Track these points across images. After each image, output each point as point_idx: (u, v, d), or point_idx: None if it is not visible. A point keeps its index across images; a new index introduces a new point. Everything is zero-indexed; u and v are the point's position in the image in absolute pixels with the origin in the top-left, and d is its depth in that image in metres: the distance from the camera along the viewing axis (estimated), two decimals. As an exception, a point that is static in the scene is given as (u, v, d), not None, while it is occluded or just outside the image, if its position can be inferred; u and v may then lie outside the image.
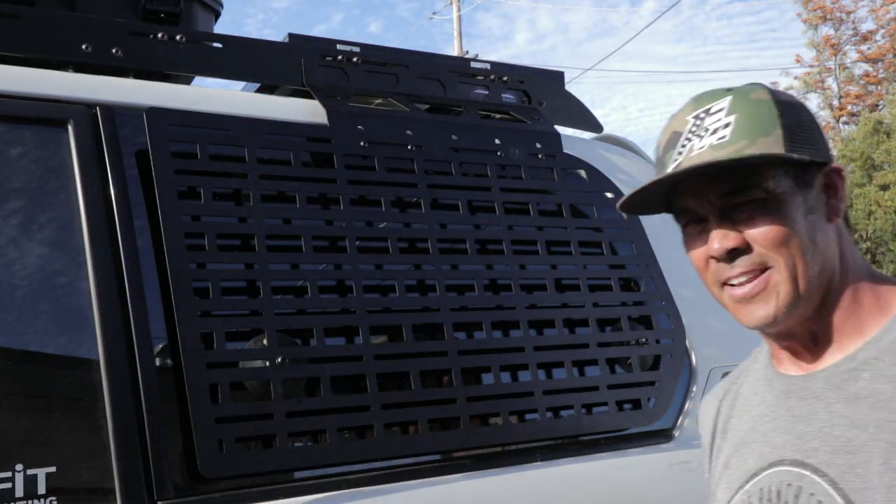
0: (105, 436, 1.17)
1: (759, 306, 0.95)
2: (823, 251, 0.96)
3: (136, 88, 1.43)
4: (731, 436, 1.06)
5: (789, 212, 0.94)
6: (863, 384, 0.92)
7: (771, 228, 0.94)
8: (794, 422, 0.96)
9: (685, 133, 0.98)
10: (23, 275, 1.21)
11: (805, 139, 0.97)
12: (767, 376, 1.04)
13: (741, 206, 0.95)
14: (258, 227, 1.37)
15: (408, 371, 1.41)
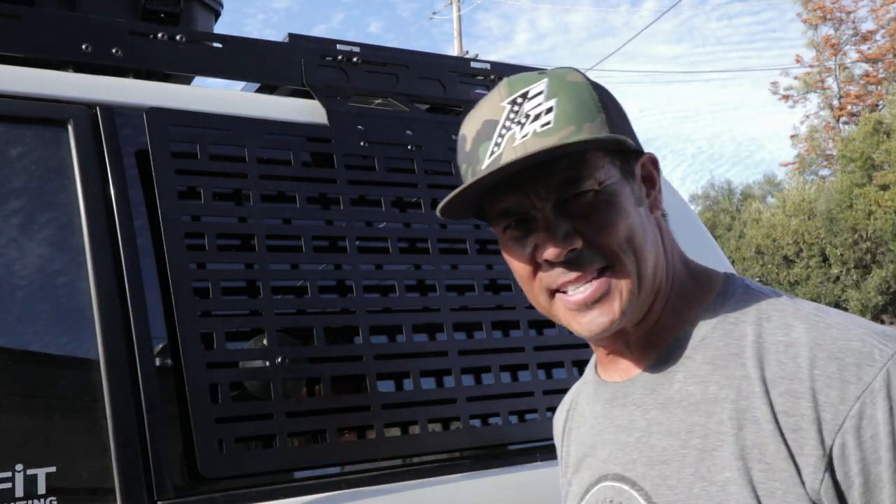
0: (105, 436, 1.17)
1: (600, 312, 0.84)
2: (655, 245, 0.88)
3: (136, 88, 1.43)
4: (573, 450, 0.99)
5: (623, 204, 0.85)
6: (677, 387, 0.85)
7: (610, 223, 0.84)
8: (617, 432, 0.90)
9: (502, 121, 0.84)
10: (23, 275, 1.21)
11: (623, 126, 0.88)
12: (595, 385, 0.97)
13: (572, 202, 0.84)
14: (258, 227, 1.37)
15: (408, 371, 1.41)
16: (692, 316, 0.88)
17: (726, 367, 0.82)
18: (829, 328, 0.79)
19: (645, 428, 0.86)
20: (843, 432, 0.73)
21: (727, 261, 2.03)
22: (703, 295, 0.90)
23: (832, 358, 0.76)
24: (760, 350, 0.81)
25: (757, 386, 0.78)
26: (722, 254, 2.03)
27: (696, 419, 0.82)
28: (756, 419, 0.78)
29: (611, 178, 0.85)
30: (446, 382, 1.46)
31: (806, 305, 0.84)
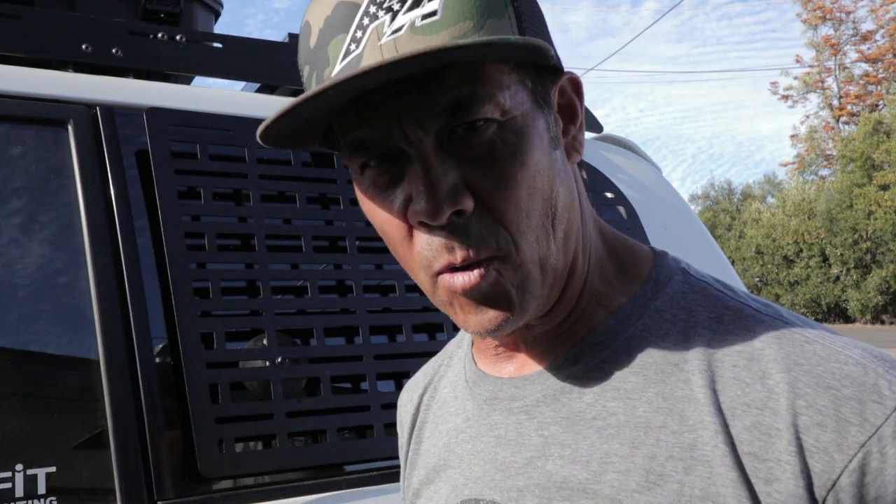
0: (105, 436, 1.17)
1: (496, 309, 0.59)
2: (571, 207, 0.62)
3: (136, 88, 1.43)
4: (425, 451, 0.75)
5: (533, 146, 0.58)
6: (590, 399, 0.62)
7: (515, 179, 0.57)
8: (497, 446, 0.66)
9: (364, 5, 0.56)
10: (23, 275, 1.21)
11: (539, 30, 0.61)
12: (469, 374, 0.72)
13: (463, 137, 0.57)
14: (258, 227, 1.37)
15: (408, 371, 1.41)
16: (612, 304, 0.64)
17: (663, 383, 0.59)
18: (808, 342, 0.58)
19: (540, 447, 0.63)
20: (839, 490, 0.53)
21: (727, 261, 2.03)
22: (625, 277, 0.66)
23: (822, 386, 0.55)
24: (711, 363, 0.59)
25: (707, 414, 0.57)
26: (722, 254, 2.03)
27: (616, 448, 0.59)
28: (707, 461, 0.56)
29: (519, 105, 0.58)
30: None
31: (770, 307, 0.62)
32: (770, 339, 0.58)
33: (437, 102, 0.56)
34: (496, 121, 0.57)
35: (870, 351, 0.58)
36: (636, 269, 0.66)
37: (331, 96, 0.54)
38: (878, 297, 24.02)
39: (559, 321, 0.65)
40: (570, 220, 0.62)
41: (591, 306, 0.65)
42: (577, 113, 0.65)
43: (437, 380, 0.78)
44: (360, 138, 0.60)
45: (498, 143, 0.57)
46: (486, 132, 0.57)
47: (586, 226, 0.66)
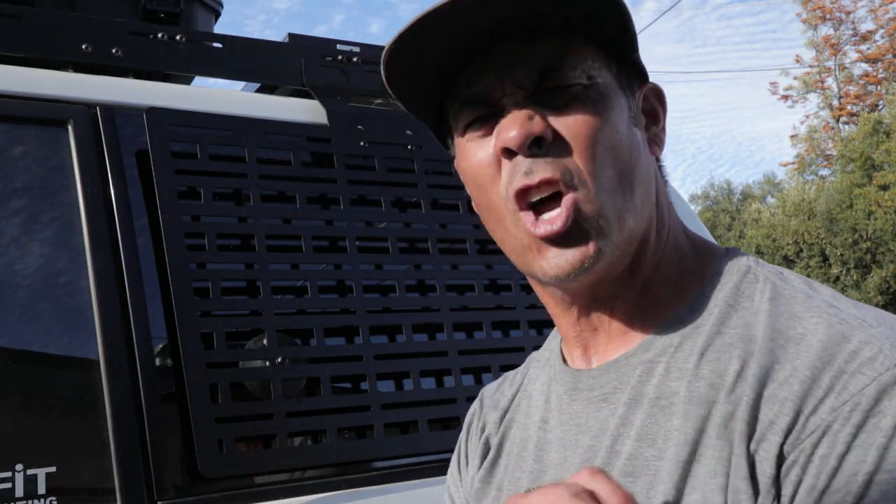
0: (105, 436, 1.17)
1: (574, 248, 0.64)
2: (646, 178, 0.68)
3: (136, 88, 1.43)
4: (508, 444, 0.79)
5: (613, 112, 0.65)
6: (656, 381, 0.66)
7: (592, 122, 0.64)
8: (578, 433, 0.70)
9: None
10: (23, 275, 1.21)
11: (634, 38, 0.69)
12: (555, 370, 0.77)
13: (552, 94, 0.65)
14: (258, 227, 1.37)
15: (408, 371, 1.41)
16: (688, 294, 0.69)
17: (718, 360, 0.64)
18: (841, 323, 0.61)
19: (615, 431, 0.67)
20: (800, 450, 0.57)
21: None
22: (701, 269, 0.70)
23: (830, 360, 0.59)
24: (761, 343, 0.62)
25: (748, 388, 0.61)
26: (722, 254, 2.02)
27: (677, 423, 0.63)
28: (734, 427, 0.61)
29: (603, 77, 0.66)
30: (446, 382, 1.46)
31: (822, 291, 0.66)
32: (812, 323, 0.62)
33: (533, 66, 0.65)
34: (581, 83, 0.65)
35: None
36: (710, 260, 0.71)
37: (445, 18, 0.61)
38: (879, 297, 24.02)
39: (634, 298, 0.69)
40: (646, 193, 0.68)
41: (666, 292, 0.70)
42: (660, 118, 0.73)
43: (527, 381, 0.83)
44: (472, 94, 0.67)
45: (582, 98, 0.65)
46: (572, 90, 0.65)
47: (663, 215, 0.71)
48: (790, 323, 0.63)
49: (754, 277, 0.68)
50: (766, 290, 0.66)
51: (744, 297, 0.67)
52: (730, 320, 0.66)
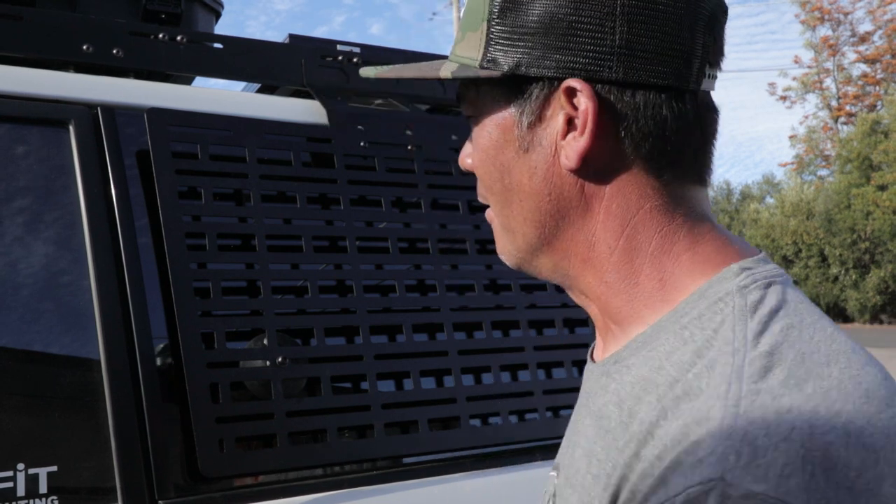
0: (106, 435, 1.17)
1: (496, 241, 0.77)
2: (541, 202, 0.67)
3: (137, 89, 1.43)
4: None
5: (494, 142, 0.68)
6: (604, 397, 0.65)
7: (477, 159, 0.72)
8: (571, 426, 0.75)
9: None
10: (24, 275, 1.21)
11: (526, 36, 0.63)
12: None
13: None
14: (258, 227, 1.37)
15: (408, 371, 1.41)
16: (653, 316, 0.64)
17: (640, 400, 0.59)
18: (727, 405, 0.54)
19: (572, 435, 0.71)
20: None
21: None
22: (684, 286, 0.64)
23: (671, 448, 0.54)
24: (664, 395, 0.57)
25: (635, 442, 0.57)
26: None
27: (597, 449, 0.62)
28: (603, 473, 0.59)
29: (487, 105, 0.68)
30: (446, 382, 1.46)
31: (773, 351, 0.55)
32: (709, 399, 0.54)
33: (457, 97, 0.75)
34: (467, 116, 0.73)
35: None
36: (689, 282, 0.64)
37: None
38: (877, 297, 24.03)
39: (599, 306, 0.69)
40: (534, 208, 0.68)
41: (628, 307, 0.66)
42: (584, 120, 0.63)
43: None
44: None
45: (474, 132, 0.72)
46: (470, 121, 0.73)
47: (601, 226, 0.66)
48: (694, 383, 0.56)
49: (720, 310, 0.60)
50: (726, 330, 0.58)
51: (702, 330, 0.59)
52: (674, 356, 0.60)
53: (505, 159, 0.69)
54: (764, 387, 0.53)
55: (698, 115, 0.65)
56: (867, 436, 0.50)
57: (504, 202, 0.71)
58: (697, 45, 0.63)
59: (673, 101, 0.63)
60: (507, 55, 0.64)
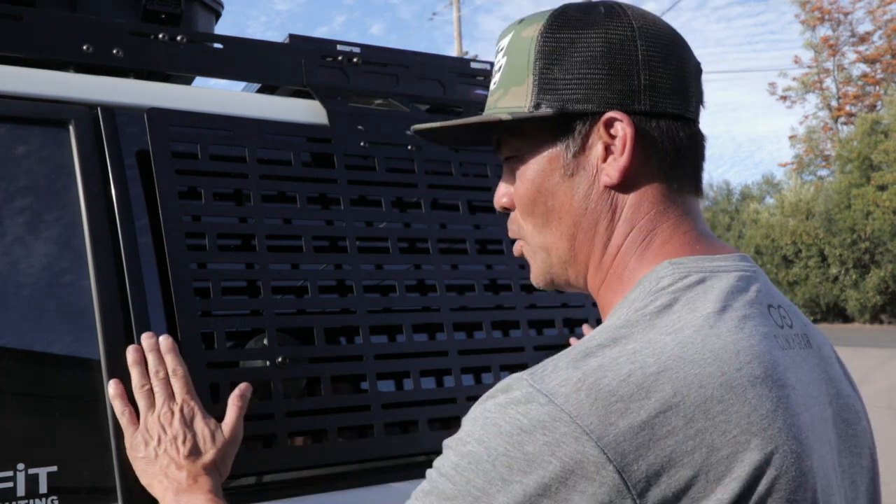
0: (106, 435, 1.17)
1: (531, 266, 0.91)
2: (588, 219, 0.84)
3: (137, 89, 1.43)
4: None
5: (540, 173, 0.84)
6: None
7: (520, 193, 0.87)
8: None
9: (494, 68, 0.90)
10: (24, 275, 1.21)
11: (571, 82, 0.81)
12: None
13: (507, 163, 0.89)
14: (258, 227, 1.37)
15: (408, 371, 1.41)
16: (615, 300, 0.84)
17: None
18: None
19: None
20: None
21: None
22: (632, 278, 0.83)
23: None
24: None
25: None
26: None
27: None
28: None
29: (532, 144, 0.85)
30: (446, 382, 1.46)
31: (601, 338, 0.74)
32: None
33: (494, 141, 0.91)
34: (507, 157, 0.88)
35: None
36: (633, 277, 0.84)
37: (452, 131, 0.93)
38: (877, 297, 24.02)
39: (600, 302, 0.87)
40: (573, 229, 0.85)
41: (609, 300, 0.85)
42: (619, 146, 0.81)
43: None
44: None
45: (512, 170, 0.88)
46: (511, 161, 0.88)
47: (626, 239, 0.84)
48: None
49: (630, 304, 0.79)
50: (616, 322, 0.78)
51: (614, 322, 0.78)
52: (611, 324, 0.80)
53: (551, 184, 0.84)
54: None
55: (697, 139, 0.85)
56: (648, 378, 0.70)
57: (544, 223, 0.86)
58: (692, 86, 0.85)
59: (683, 127, 0.83)
60: (555, 98, 0.81)
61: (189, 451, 1.11)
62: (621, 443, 0.67)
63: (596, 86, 0.81)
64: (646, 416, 0.67)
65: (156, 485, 1.10)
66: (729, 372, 0.71)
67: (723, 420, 0.69)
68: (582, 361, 0.71)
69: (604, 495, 0.66)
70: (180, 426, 1.12)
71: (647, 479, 0.67)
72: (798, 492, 0.71)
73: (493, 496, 0.69)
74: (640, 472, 0.67)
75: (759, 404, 0.70)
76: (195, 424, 1.14)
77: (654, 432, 0.67)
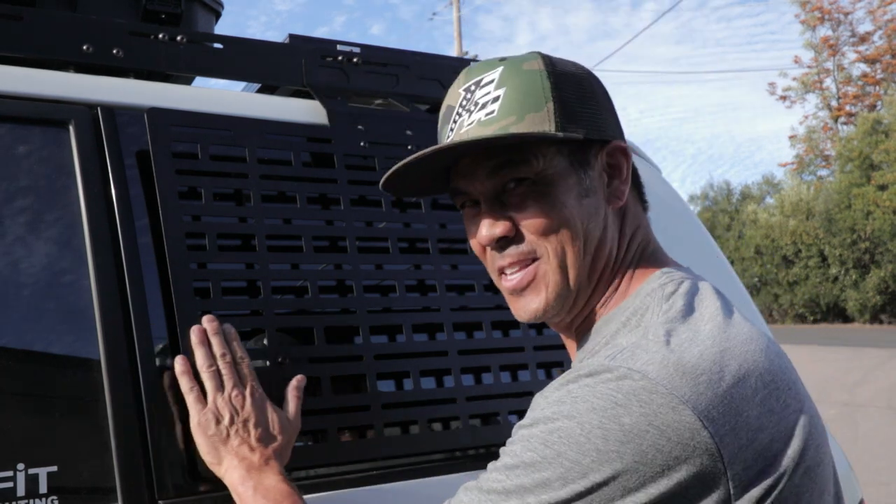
0: (106, 435, 1.17)
1: (531, 299, 0.91)
2: (598, 239, 0.91)
3: (137, 89, 1.43)
4: None
5: (560, 196, 0.88)
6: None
7: (539, 215, 0.88)
8: None
9: (456, 107, 0.91)
10: (24, 275, 1.21)
11: (582, 114, 0.90)
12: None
13: (512, 190, 0.89)
14: (258, 227, 1.37)
15: (408, 371, 1.41)
16: (609, 309, 0.92)
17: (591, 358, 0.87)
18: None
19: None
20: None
21: (726, 261, 2.03)
22: (628, 290, 0.93)
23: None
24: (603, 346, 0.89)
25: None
26: (721, 254, 2.03)
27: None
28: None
29: (551, 167, 0.88)
30: (446, 382, 1.46)
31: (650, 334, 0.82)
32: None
33: (491, 165, 0.89)
34: (530, 178, 0.88)
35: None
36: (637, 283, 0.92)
37: (432, 160, 0.88)
38: (877, 297, 24.01)
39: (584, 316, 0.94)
40: (599, 248, 0.90)
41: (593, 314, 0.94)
42: (621, 171, 0.93)
43: None
44: (455, 188, 0.94)
45: (530, 192, 0.88)
46: (524, 185, 0.89)
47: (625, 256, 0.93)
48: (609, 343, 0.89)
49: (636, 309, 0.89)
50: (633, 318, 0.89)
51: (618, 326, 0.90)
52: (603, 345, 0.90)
53: (570, 206, 0.88)
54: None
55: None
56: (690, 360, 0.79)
57: (559, 245, 0.88)
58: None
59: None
60: (578, 126, 0.88)
61: (260, 435, 1.14)
62: (711, 410, 0.74)
63: (599, 118, 0.91)
64: (726, 386, 0.75)
65: (224, 463, 1.12)
66: (764, 350, 0.81)
67: (774, 388, 0.79)
68: (651, 348, 0.78)
69: (696, 459, 0.73)
70: (252, 410, 1.15)
71: (735, 444, 0.74)
72: (822, 446, 0.82)
73: (587, 467, 0.74)
74: (729, 438, 0.74)
75: (789, 373, 0.83)
76: (266, 410, 1.17)
77: (733, 401, 0.75)
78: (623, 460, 0.73)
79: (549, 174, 0.88)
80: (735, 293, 1.94)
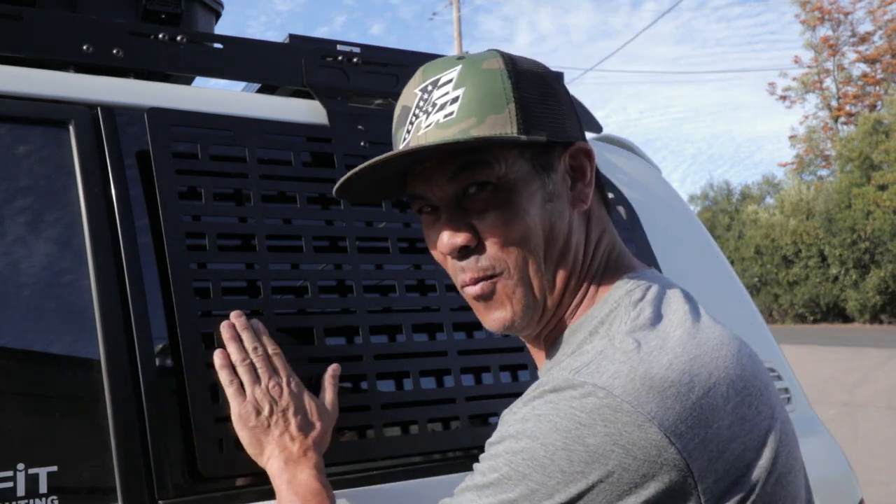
0: (106, 435, 1.17)
1: (497, 310, 0.88)
2: (563, 244, 0.87)
3: (137, 89, 1.43)
4: None
5: (523, 202, 0.84)
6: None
7: (501, 224, 0.84)
8: None
9: (413, 108, 0.86)
10: (24, 275, 1.21)
11: (545, 115, 0.86)
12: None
13: (473, 196, 0.85)
14: (258, 227, 1.37)
15: (408, 371, 1.41)
16: (577, 318, 0.89)
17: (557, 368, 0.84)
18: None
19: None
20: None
21: (726, 261, 2.03)
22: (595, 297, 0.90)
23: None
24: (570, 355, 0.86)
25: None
26: (721, 254, 2.03)
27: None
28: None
29: (514, 171, 0.84)
30: (446, 382, 1.46)
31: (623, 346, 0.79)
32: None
33: (451, 169, 0.84)
34: (492, 183, 0.84)
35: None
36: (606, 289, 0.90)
37: (388, 165, 0.84)
38: (877, 297, 24.02)
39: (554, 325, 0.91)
40: (565, 254, 0.87)
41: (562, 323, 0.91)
42: (585, 174, 0.89)
43: None
44: (412, 194, 0.90)
45: (493, 199, 0.84)
46: (486, 190, 0.84)
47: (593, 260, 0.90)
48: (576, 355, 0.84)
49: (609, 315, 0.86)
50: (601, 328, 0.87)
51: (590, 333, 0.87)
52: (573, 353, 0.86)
53: (535, 212, 0.84)
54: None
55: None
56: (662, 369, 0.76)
57: (521, 257, 0.85)
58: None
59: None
60: (541, 128, 0.84)
61: (300, 424, 1.15)
62: (679, 425, 0.71)
63: (561, 119, 0.87)
64: (695, 398, 0.73)
65: (266, 452, 1.14)
66: (735, 354, 0.79)
67: (746, 395, 0.77)
68: (618, 358, 0.76)
69: (664, 476, 0.71)
70: (290, 399, 1.16)
71: (705, 457, 0.72)
72: (793, 451, 0.80)
73: (553, 488, 0.72)
74: (697, 452, 0.72)
75: (761, 375, 0.81)
76: (304, 399, 1.18)
77: (703, 412, 0.73)
78: (588, 480, 0.71)
79: (512, 179, 0.84)
80: (735, 293, 1.94)
